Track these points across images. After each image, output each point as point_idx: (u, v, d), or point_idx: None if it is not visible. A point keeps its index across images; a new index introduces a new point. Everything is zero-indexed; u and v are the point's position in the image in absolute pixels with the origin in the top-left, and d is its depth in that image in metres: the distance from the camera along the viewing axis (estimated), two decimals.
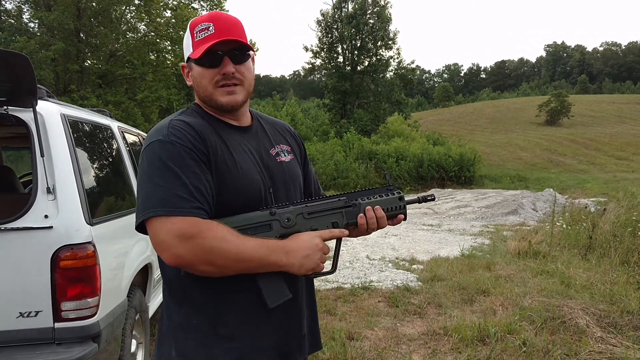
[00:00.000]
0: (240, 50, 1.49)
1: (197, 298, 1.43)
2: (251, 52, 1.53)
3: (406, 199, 1.66)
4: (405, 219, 1.66)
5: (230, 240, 1.31)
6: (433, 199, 1.76)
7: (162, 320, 1.53)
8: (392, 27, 34.90)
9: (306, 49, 36.35)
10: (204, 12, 24.11)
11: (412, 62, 37.69)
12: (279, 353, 1.51)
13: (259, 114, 1.70)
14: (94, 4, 21.66)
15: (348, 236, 1.59)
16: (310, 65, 37.64)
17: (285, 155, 1.62)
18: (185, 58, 1.54)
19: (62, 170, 2.65)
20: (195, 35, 1.48)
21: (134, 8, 23.12)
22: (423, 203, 1.74)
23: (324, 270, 1.51)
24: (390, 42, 34.48)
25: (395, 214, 1.62)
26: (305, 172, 1.73)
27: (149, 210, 1.31)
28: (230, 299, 1.43)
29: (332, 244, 1.57)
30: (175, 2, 23.83)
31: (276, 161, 1.58)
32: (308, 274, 1.46)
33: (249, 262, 1.34)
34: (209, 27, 1.46)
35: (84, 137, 3.21)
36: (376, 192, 1.62)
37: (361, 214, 1.55)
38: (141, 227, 1.37)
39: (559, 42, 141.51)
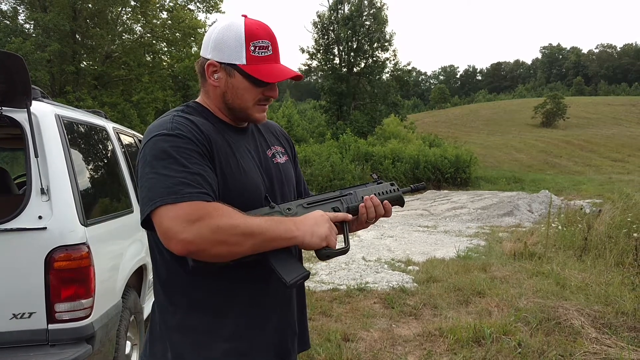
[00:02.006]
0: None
1: (195, 299, 1.41)
2: None
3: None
4: (402, 204, 1.68)
5: (236, 217, 1.28)
6: (424, 187, 1.81)
7: (152, 322, 1.51)
8: (388, 29, 35.12)
9: (302, 51, 36.46)
10: (201, 14, 24.07)
11: (408, 64, 37.95)
12: (276, 352, 1.51)
13: None
14: (89, 5, 21.66)
15: (350, 231, 1.58)
16: (307, 67, 37.69)
17: (280, 157, 1.62)
18: (224, 60, 1.45)
19: (56, 171, 2.63)
20: (251, 47, 1.43)
21: (129, 9, 23.12)
22: (415, 192, 1.78)
23: (338, 247, 1.45)
24: (386, 44, 34.61)
25: (391, 200, 1.64)
26: (296, 173, 1.74)
27: (156, 200, 1.27)
28: (228, 299, 1.42)
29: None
30: (171, 4, 23.82)
31: (273, 162, 1.58)
32: (321, 245, 1.40)
33: (259, 235, 1.29)
34: (268, 46, 1.45)
35: (79, 138, 3.20)
36: (368, 185, 1.66)
37: (362, 204, 1.56)
38: (146, 223, 1.32)
39: (554, 44, 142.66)
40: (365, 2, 34.64)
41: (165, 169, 1.30)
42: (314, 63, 36.59)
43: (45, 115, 2.75)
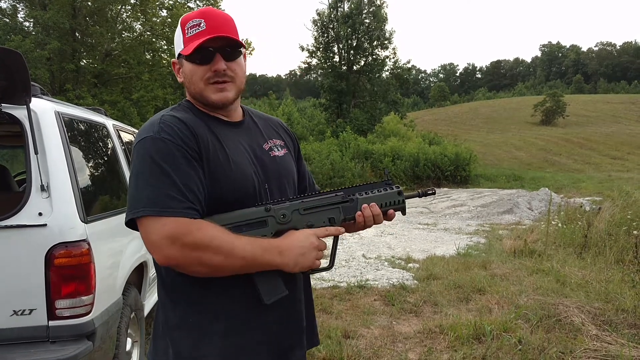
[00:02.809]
0: (232, 47, 1.47)
1: (194, 295, 1.41)
2: (242, 49, 1.52)
3: (406, 194, 1.63)
4: (404, 213, 1.62)
5: (220, 240, 1.30)
6: (434, 193, 1.71)
7: (157, 319, 1.51)
8: (387, 27, 35.00)
9: (302, 49, 36.37)
10: None
11: (408, 62, 37.66)
12: (279, 347, 1.50)
13: (250, 110, 1.68)
14: (89, 3, 21.60)
15: (345, 231, 1.57)
16: (307, 65, 37.67)
17: (278, 150, 1.61)
18: (176, 54, 1.52)
19: (56, 167, 2.63)
20: (186, 31, 1.46)
21: (129, 7, 23.06)
22: (423, 197, 1.69)
23: (321, 266, 1.49)
24: (386, 42, 34.54)
25: (395, 209, 1.59)
26: (299, 167, 1.72)
27: (139, 209, 1.30)
28: (227, 294, 1.42)
29: (328, 240, 1.56)
30: (171, 2, 23.75)
31: (270, 156, 1.57)
32: (304, 271, 1.45)
33: (240, 261, 1.33)
34: (200, 23, 1.44)
35: (79, 135, 3.20)
36: (374, 187, 1.59)
37: (359, 212, 1.53)
38: (131, 224, 1.36)
39: (554, 42, 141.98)
40: (365, 0, 34.58)
41: (151, 177, 1.31)
42: (314, 61, 36.53)
43: (45, 112, 2.74)
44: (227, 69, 1.46)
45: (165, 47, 24.13)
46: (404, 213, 1.62)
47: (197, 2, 24.32)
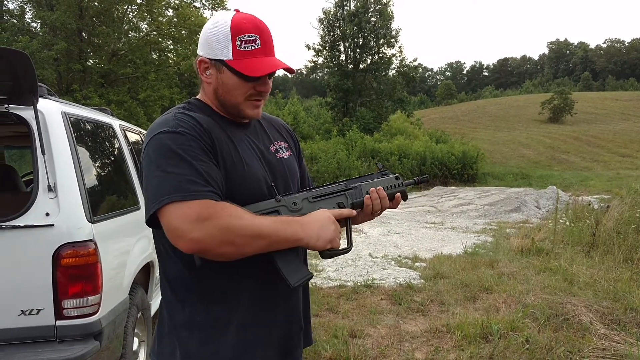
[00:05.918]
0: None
1: (202, 295, 1.42)
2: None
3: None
4: (405, 199, 1.69)
5: (246, 218, 1.30)
6: (427, 180, 1.82)
7: (161, 319, 1.51)
8: (394, 25, 34.96)
9: (308, 47, 36.42)
10: (206, 11, 24.04)
11: (415, 60, 37.52)
12: (283, 346, 1.51)
13: None
14: (96, 3, 21.74)
15: (354, 223, 1.59)
16: (313, 64, 37.71)
17: (283, 152, 1.62)
18: (213, 56, 1.45)
19: (63, 168, 2.64)
20: (237, 42, 1.42)
21: (135, 7, 23.17)
22: (419, 184, 1.83)
23: (341, 248, 1.49)
24: (392, 40, 34.49)
25: (396, 192, 1.65)
26: (300, 169, 1.73)
27: (164, 198, 1.27)
28: (235, 294, 1.42)
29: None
30: (177, 1, 23.84)
31: (276, 158, 1.58)
32: (326, 247, 1.43)
33: (267, 238, 1.32)
34: (256, 40, 1.42)
35: (85, 135, 3.21)
36: (373, 177, 1.66)
37: (367, 195, 1.57)
38: (152, 221, 1.33)
39: (561, 39, 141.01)
40: None
41: (171, 166, 1.30)
42: (320, 60, 36.55)
43: (52, 113, 2.76)
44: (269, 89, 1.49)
45: (172, 46, 24.23)
46: (404, 198, 1.69)
47: (203, 1, 24.42)
